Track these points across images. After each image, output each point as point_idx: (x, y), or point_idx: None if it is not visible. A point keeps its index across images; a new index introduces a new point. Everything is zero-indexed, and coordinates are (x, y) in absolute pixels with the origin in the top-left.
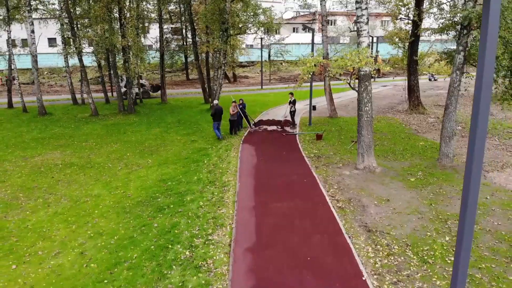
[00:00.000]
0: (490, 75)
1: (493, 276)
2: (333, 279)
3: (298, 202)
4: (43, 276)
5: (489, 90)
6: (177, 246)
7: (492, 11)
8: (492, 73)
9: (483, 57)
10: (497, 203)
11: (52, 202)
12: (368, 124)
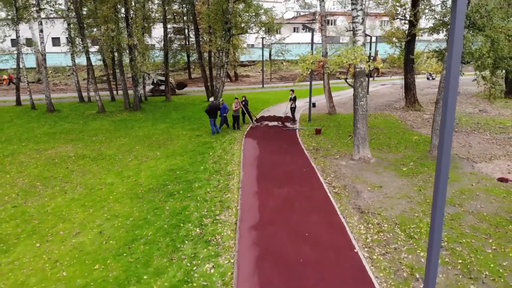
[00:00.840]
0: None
1: (472, 249)
2: (328, 251)
3: (297, 188)
4: (66, 252)
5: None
6: (188, 224)
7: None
8: (458, 72)
9: (451, 58)
10: (481, 189)
11: (68, 190)
12: (363, 117)
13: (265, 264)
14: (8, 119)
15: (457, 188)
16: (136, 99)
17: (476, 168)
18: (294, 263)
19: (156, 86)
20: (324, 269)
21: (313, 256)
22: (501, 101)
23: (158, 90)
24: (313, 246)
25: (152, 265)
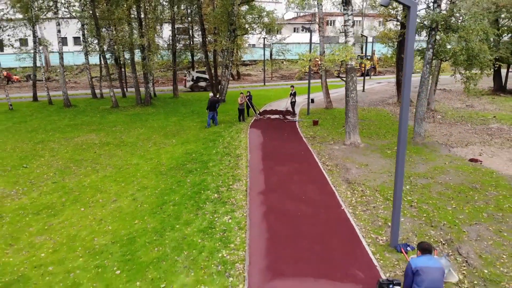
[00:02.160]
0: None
1: (436, 207)
2: (320, 208)
3: (296, 166)
4: (107, 213)
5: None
6: (207, 192)
7: (411, 23)
8: (411, 71)
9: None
10: (452, 167)
11: (99, 169)
12: (354, 108)
13: (270, 216)
14: (29, 113)
15: (432, 166)
16: (147, 95)
17: (452, 152)
18: (293, 216)
19: (196, 82)
20: (316, 220)
21: (308, 211)
22: (488, 97)
23: (197, 86)
24: (308, 205)
25: (181, 218)
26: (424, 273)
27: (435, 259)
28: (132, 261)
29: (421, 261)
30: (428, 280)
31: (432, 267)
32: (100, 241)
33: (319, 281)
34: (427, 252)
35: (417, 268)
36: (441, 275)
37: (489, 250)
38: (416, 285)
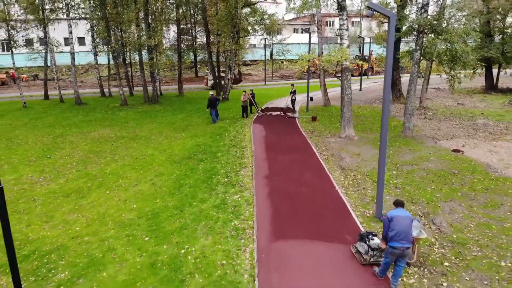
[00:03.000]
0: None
1: (417, 188)
2: (317, 189)
3: (296, 156)
4: (130, 195)
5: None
6: (218, 176)
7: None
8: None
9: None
10: (436, 156)
11: (118, 159)
12: (348, 103)
13: (274, 195)
14: (42, 110)
15: (417, 155)
16: (155, 93)
17: (437, 144)
18: (294, 195)
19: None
20: (314, 198)
21: (306, 192)
22: (479, 95)
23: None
24: (307, 187)
25: (197, 197)
26: (396, 220)
27: (405, 211)
28: (158, 230)
29: (394, 212)
30: (399, 225)
31: (402, 216)
32: (128, 216)
33: (314, 242)
34: (400, 206)
35: (391, 216)
36: (409, 222)
37: (459, 221)
38: (390, 229)
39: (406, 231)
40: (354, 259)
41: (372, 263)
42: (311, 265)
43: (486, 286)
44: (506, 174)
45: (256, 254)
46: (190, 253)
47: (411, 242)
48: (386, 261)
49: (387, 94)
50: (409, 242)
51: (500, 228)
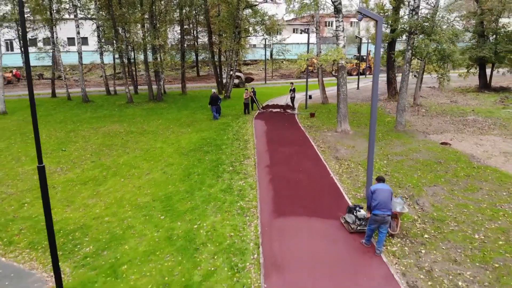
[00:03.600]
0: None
1: (405, 175)
2: (314, 176)
3: (295, 148)
4: (144, 182)
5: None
6: (224, 166)
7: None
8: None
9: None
10: (425, 148)
11: (129, 151)
12: (344, 100)
13: (275, 180)
14: (52, 108)
15: (407, 147)
16: (159, 92)
17: (427, 137)
18: (293, 181)
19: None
20: (311, 183)
21: (304, 178)
22: (473, 94)
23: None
24: (305, 174)
25: (206, 183)
26: (378, 192)
27: (386, 185)
28: (172, 211)
29: (376, 186)
30: (381, 196)
31: (383, 189)
32: (143, 200)
33: (311, 218)
34: (381, 181)
35: (374, 189)
36: (389, 194)
37: (440, 202)
38: (373, 200)
39: (386, 202)
40: (343, 229)
41: (358, 231)
42: (307, 235)
43: (460, 253)
44: (488, 163)
45: (259, 227)
46: (202, 228)
47: (390, 210)
48: (370, 228)
49: (375, 91)
50: (389, 210)
51: (477, 208)
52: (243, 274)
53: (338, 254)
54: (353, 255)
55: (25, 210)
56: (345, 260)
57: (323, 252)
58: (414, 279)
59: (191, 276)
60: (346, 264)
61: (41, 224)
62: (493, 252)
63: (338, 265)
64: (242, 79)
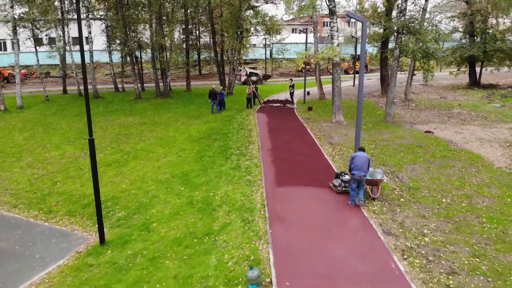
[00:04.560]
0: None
1: (389, 156)
2: (310, 157)
3: (294, 135)
4: (162, 164)
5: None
6: (231, 150)
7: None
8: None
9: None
10: (409, 135)
11: (145, 139)
12: (338, 94)
13: (276, 161)
14: (65, 103)
15: (394, 135)
16: (166, 88)
17: (413, 127)
18: (292, 161)
19: (248, 76)
20: (307, 163)
21: (301, 159)
22: (462, 90)
23: (250, 80)
24: (302, 156)
25: (216, 163)
26: (357, 157)
27: (364, 153)
28: (189, 184)
29: (356, 153)
30: (358, 160)
31: (361, 155)
32: (163, 177)
33: (306, 187)
34: (361, 150)
35: (354, 155)
36: (366, 159)
37: (417, 176)
38: (353, 164)
39: (362, 165)
40: (333, 192)
41: (344, 191)
42: (303, 198)
43: (428, 211)
44: (464, 147)
45: (264, 194)
46: (216, 195)
47: (366, 172)
48: (352, 187)
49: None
50: (364, 172)
51: (447, 180)
52: (253, 224)
53: (328, 210)
54: (340, 211)
55: (58, 187)
56: (334, 214)
57: (316, 209)
58: (389, 227)
59: (211, 227)
60: (334, 217)
61: (75, 197)
62: (456, 211)
63: (328, 218)
64: (259, 76)
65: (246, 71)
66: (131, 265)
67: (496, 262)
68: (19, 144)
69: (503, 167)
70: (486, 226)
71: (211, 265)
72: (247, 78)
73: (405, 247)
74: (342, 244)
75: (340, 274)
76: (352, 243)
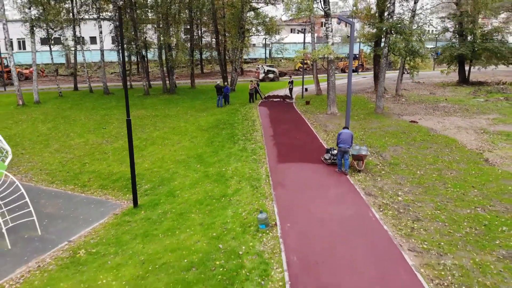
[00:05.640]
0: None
1: (375, 140)
2: (306, 141)
3: (293, 125)
4: (177, 148)
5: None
6: (238, 136)
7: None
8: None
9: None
10: (395, 124)
11: (159, 129)
12: (333, 88)
13: (277, 144)
14: (78, 98)
15: (382, 124)
16: (172, 85)
17: (400, 118)
18: (291, 144)
19: (266, 74)
20: (304, 146)
21: (299, 143)
22: (452, 87)
23: (268, 77)
24: (300, 141)
25: (226, 146)
26: (343, 134)
27: (348, 130)
28: (204, 162)
29: (342, 130)
30: (343, 136)
31: (346, 132)
32: (180, 158)
33: (303, 163)
34: (346, 128)
35: (340, 132)
36: (350, 135)
37: (398, 154)
38: (339, 139)
39: (347, 139)
40: (324, 164)
41: (332, 163)
42: (300, 170)
43: (403, 180)
44: (442, 133)
45: (268, 168)
46: (228, 170)
47: (350, 145)
48: (338, 158)
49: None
50: (348, 145)
51: (423, 158)
52: (260, 189)
53: (320, 178)
54: (330, 178)
55: (87, 167)
56: (325, 181)
57: (310, 177)
58: (370, 190)
59: (225, 191)
60: (325, 183)
61: (104, 175)
62: (427, 180)
63: (320, 184)
64: (276, 73)
65: (264, 69)
66: (163, 219)
67: (453, 213)
68: (44, 133)
69: (474, 148)
70: (450, 190)
71: (229, 215)
72: (265, 75)
73: (381, 203)
74: (331, 201)
75: (329, 219)
76: (339, 200)
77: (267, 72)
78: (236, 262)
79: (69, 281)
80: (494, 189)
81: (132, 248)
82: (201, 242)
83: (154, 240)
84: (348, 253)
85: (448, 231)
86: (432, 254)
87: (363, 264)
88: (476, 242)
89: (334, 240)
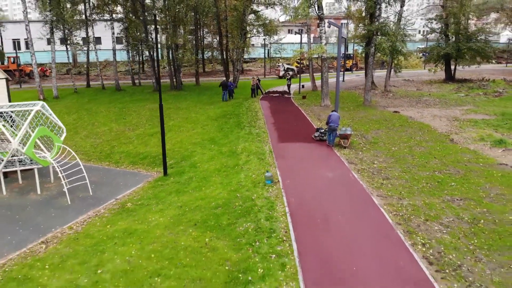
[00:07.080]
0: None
1: (359, 126)
2: (302, 127)
3: (290, 115)
4: (192, 134)
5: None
6: (244, 124)
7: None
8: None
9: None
10: (379, 114)
11: (174, 119)
12: (326, 82)
13: (278, 130)
14: (93, 94)
15: (368, 113)
16: (179, 82)
17: (385, 109)
18: (289, 129)
19: (286, 72)
20: (300, 130)
21: (296, 128)
22: (438, 84)
23: (288, 74)
24: (296, 127)
25: (234, 131)
26: (332, 115)
27: (336, 113)
28: (217, 143)
29: (331, 113)
30: (332, 117)
31: (334, 114)
32: (196, 140)
33: (300, 143)
34: (334, 111)
35: (330, 114)
36: (337, 116)
37: (379, 136)
38: (329, 119)
39: (335, 120)
40: (314, 141)
41: (321, 139)
42: (297, 147)
43: (380, 154)
44: (418, 120)
45: (271, 146)
46: (238, 148)
47: (337, 124)
48: (328, 134)
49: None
50: (336, 124)
51: (399, 138)
52: (265, 160)
53: (313, 152)
54: (320, 152)
55: (116, 149)
56: (317, 154)
57: (305, 152)
58: (352, 160)
59: (237, 162)
60: (317, 156)
61: (132, 154)
62: (399, 153)
63: (313, 156)
64: (295, 71)
65: (284, 67)
66: (190, 182)
67: (416, 175)
68: (71, 123)
69: (444, 132)
70: (416, 159)
71: (242, 177)
72: (285, 72)
73: (360, 168)
74: (321, 167)
75: (319, 177)
76: (327, 166)
77: (286, 69)
78: (250, 203)
79: (124, 220)
80: (452, 159)
81: (169, 200)
82: (223, 193)
83: (185, 194)
84: (332, 197)
85: (409, 185)
86: (394, 198)
87: (342, 203)
88: (428, 191)
89: (322, 190)
